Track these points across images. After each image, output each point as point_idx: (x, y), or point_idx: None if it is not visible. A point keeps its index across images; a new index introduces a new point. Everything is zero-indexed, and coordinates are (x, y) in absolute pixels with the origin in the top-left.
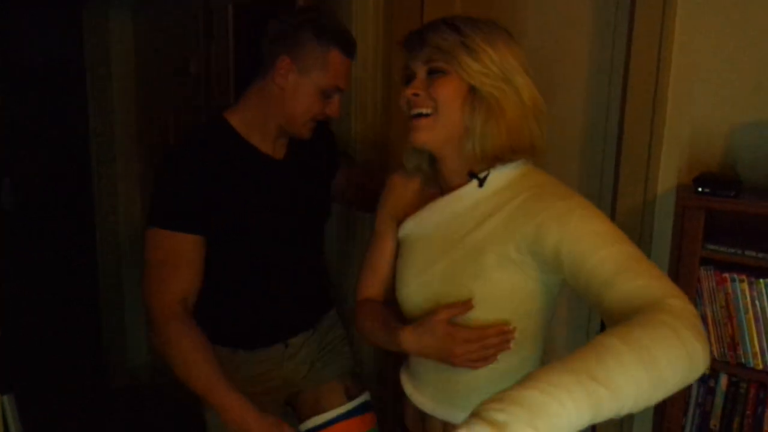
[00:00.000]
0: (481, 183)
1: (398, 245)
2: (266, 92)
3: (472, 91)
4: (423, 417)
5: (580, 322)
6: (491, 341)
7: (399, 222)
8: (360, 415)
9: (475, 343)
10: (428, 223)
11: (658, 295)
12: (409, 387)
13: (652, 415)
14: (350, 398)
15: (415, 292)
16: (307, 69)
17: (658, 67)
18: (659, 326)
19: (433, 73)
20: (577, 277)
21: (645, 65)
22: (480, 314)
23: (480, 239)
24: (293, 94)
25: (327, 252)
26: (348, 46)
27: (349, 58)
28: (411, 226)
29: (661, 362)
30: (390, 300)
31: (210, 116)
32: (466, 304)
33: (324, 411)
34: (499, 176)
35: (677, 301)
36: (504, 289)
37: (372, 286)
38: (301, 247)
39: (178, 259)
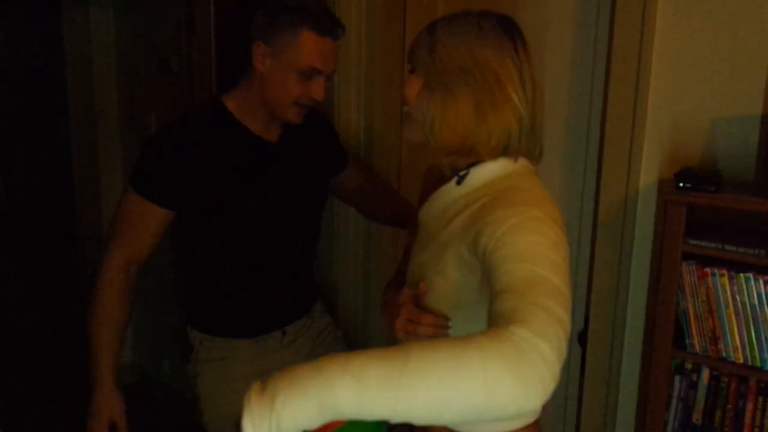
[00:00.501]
0: (459, 181)
1: None
2: (251, 79)
3: (426, 85)
4: None
5: None
6: (427, 330)
7: None
8: None
9: (415, 325)
10: (424, 214)
11: (516, 320)
12: None
13: (635, 411)
14: None
15: (407, 275)
16: (280, 52)
17: (639, 63)
18: (471, 348)
19: (411, 73)
20: (485, 272)
21: (626, 60)
22: (437, 309)
23: (446, 237)
24: (271, 79)
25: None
26: (321, 25)
27: (327, 38)
28: (420, 215)
29: (446, 381)
30: None
31: (209, 98)
32: (422, 288)
33: None
34: (478, 175)
35: (524, 331)
36: (457, 289)
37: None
38: (295, 231)
39: (142, 226)
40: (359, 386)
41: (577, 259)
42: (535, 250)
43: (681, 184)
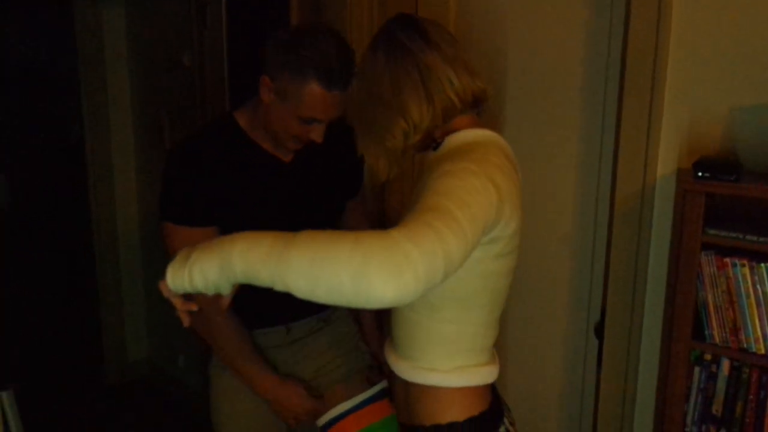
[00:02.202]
0: (435, 147)
1: None
2: (259, 102)
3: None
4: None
5: (580, 319)
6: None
7: None
8: (380, 401)
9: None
10: (417, 180)
11: (398, 226)
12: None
13: (654, 402)
14: (371, 385)
15: None
16: (284, 95)
17: (656, 50)
18: (348, 236)
19: None
20: None
21: (643, 48)
22: None
23: (414, 195)
24: (272, 114)
25: None
26: (331, 80)
27: (333, 91)
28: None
29: (319, 255)
30: None
31: (221, 114)
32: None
33: (345, 400)
34: (450, 141)
35: (399, 234)
36: None
37: None
38: None
39: None
40: (250, 252)
41: (593, 251)
42: (450, 189)
43: (700, 173)
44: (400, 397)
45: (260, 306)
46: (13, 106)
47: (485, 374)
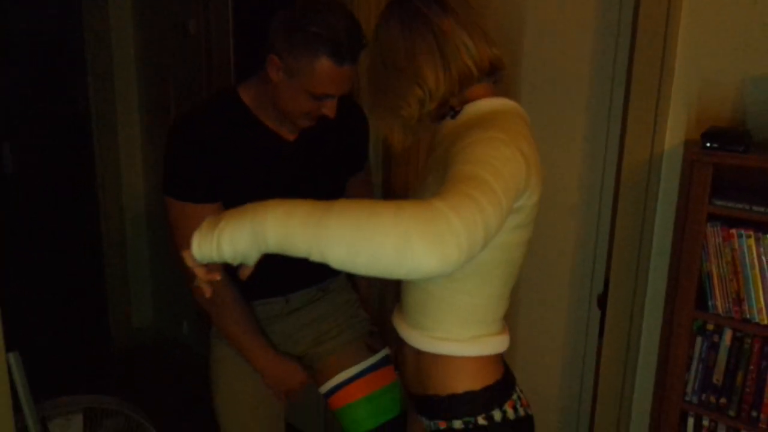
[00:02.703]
0: (453, 115)
1: None
2: (266, 80)
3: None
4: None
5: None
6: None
7: None
8: (383, 368)
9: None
10: (431, 150)
11: (439, 197)
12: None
13: (655, 370)
14: (373, 352)
15: None
16: (294, 72)
17: (667, 19)
18: (389, 204)
19: None
20: None
21: (654, 17)
22: None
23: (432, 162)
24: (282, 93)
25: None
26: (342, 54)
27: (344, 65)
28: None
29: (361, 224)
30: None
31: (224, 88)
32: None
33: (348, 367)
34: (469, 110)
35: (441, 203)
36: None
37: None
38: None
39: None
40: (286, 219)
41: (598, 222)
42: (483, 158)
43: (708, 144)
44: (411, 366)
45: (259, 277)
46: (19, 75)
47: (499, 343)
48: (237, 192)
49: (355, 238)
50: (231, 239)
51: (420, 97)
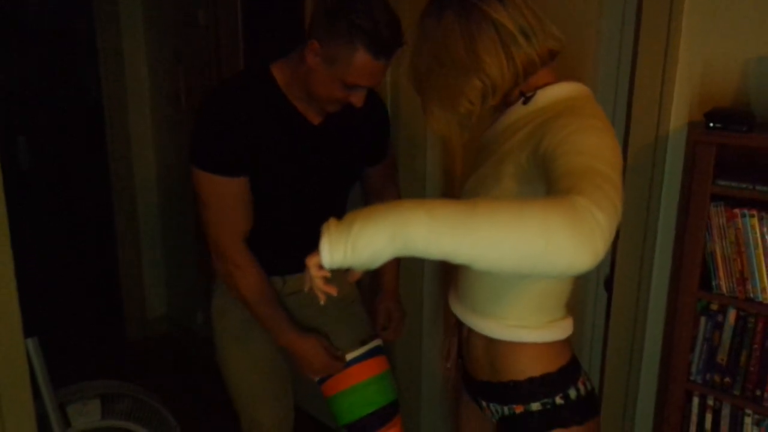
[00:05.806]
0: (525, 101)
1: None
2: (300, 62)
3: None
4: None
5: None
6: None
7: None
8: (373, 357)
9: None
10: (488, 135)
11: (576, 192)
12: (458, 307)
13: (660, 350)
14: (362, 343)
15: (462, 195)
16: (332, 60)
17: (671, 0)
18: (534, 204)
19: None
20: (544, 171)
21: None
22: None
23: (508, 147)
24: (316, 77)
25: None
26: (379, 48)
27: (380, 60)
28: (482, 138)
29: (511, 224)
30: None
31: (255, 65)
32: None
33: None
34: (544, 96)
35: (583, 199)
36: (513, 197)
37: None
38: (317, 203)
39: (225, 200)
40: (431, 221)
41: None
42: (594, 149)
43: (711, 124)
44: (478, 354)
45: (259, 255)
46: (31, 69)
47: (568, 326)
48: (259, 168)
49: (507, 240)
50: (370, 242)
51: (482, 90)
